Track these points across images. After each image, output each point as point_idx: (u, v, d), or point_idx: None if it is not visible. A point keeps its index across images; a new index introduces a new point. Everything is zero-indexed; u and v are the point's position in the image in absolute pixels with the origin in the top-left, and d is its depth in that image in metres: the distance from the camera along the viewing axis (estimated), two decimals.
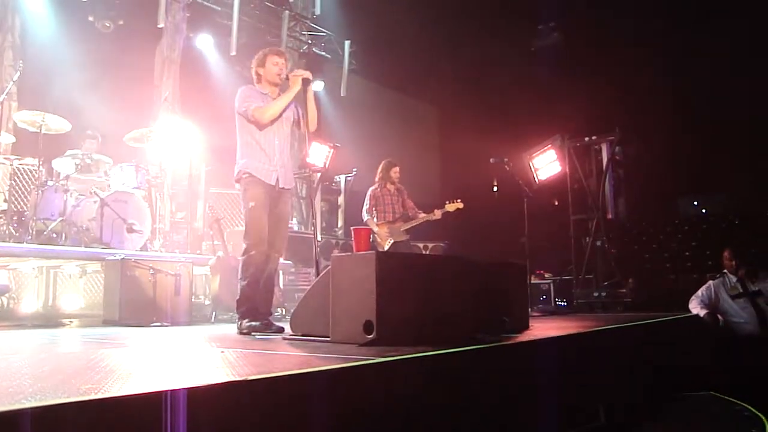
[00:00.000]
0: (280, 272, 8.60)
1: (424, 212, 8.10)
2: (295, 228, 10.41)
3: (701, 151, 12.73)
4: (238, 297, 4.87)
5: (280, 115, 4.96)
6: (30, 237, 6.79)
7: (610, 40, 12.83)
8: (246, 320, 4.73)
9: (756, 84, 11.63)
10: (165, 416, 1.69)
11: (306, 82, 4.95)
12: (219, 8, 11.24)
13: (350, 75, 12.94)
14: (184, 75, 10.76)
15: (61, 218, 7.06)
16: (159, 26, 10.16)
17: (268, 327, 4.66)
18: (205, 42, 11.44)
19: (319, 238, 10.17)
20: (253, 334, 4.58)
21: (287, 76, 5.00)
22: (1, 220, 7.00)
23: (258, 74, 5.11)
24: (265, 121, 4.89)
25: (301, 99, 5.06)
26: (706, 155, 12.82)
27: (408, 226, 8.08)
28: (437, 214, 8.05)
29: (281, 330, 4.55)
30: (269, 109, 4.89)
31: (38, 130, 7.20)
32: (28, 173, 8.16)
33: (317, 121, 5.12)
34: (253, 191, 4.85)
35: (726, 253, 7.25)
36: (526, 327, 4.71)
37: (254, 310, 4.81)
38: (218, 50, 11.47)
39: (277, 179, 4.93)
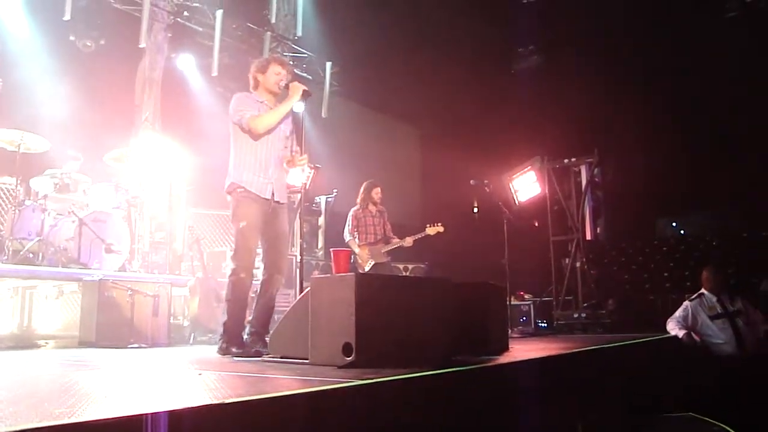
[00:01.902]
0: None
1: (398, 237, 8.14)
2: None
3: (679, 173, 12.87)
4: (225, 319, 4.69)
5: (277, 125, 4.79)
6: (6, 257, 6.70)
7: (588, 63, 12.99)
8: (228, 344, 4.62)
9: (734, 106, 11.82)
10: None
11: (306, 95, 4.78)
12: (201, 29, 11.26)
13: (331, 96, 12.99)
14: (165, 95, 10.74)
15: (38, 238, 6.98)
16: (140, 46, 10.14)
17: (253, 351, 4.52)
18: (186, 62, 11.44)
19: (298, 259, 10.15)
20: (233, 357, 4.51)
21: (287, 85, 4.83)
22: None
23: (256, 80, 4.92)
24: (261, 131, 4.69)
25: (297, 115, 4.97)
26: (684, 176, 12.97)
27: (389, 248, 8.10)
28: (408, 241, 8.10)
29: (260, 354, 4.47)
30: (265, 119, 4.70)
31: (16, 149, 7.14)
32: (6, 192, 8.09)
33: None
34: (245, 209, 4.67)
35: (706, 272, 7.29)
36: (506, 348, 4.71)
37: (239, 333, 4.70)
38: (200, 70, 11.47)
39: (273, 193, 4.77)
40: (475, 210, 9.63)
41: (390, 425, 2.51)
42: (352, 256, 7.93)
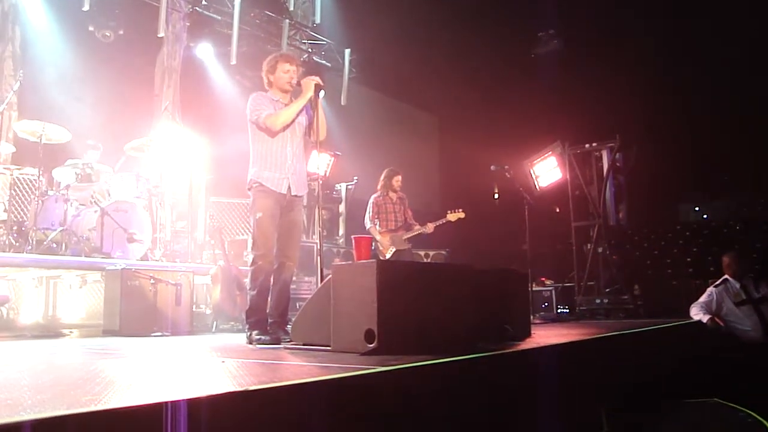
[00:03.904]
0: None
1: (419, 224, 8.13)
2: None
3: (702, 157, 12.74)
4: (247, 307, 4.85)
5: (293, 121, 4.89)
6: (30, 247, 6.77)
7: (609, 47, 12.85)
8: (255, 331, 4.69)
9: (757, 90, 11.65)
10: (165, 427, 1.68)
11: (318, 88, 4.87)
12: (219, 17, 11.26)
13: (350, 83, 12.95)
14: (184, 84, 10.77)
15: (61, 228, 7.05)
16: (159, 36, 10.17)
17: (278, 338, 4.60)
18: (205, 51, 11.46)
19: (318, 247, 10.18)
20: (262, 344, 4.55)
21: (299, 81, 4.93)
22: (1, 230, 6.99)
23: (268, 80, 5.03)
24: (277, 129, 4.82)
25: (311, 105, 5.02)
26: (707, 161, 12.84)
27: (410, 234, 8.09)
28: (429, 227, 8.09)
29: (282, 341, 4.52)
30: (280, 117, 4.82)
31: (38, 140, 7.18)
32: (29, 183, 8.15)
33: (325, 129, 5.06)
34: (261, 202, 4.80)
35: (729, 258, 7.20)
36: (528, 334, 4.69)
37: (263, 320, 4.79)
38: (218, 59, 11.49)
39: (289, 187, 4.87)
40: (496, 196, 9.57)
41: (413, 411, 2.51)
42: (373, 243, 7.93)
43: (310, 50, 12.72)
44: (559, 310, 10.23)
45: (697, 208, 14.67)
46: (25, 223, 7.23)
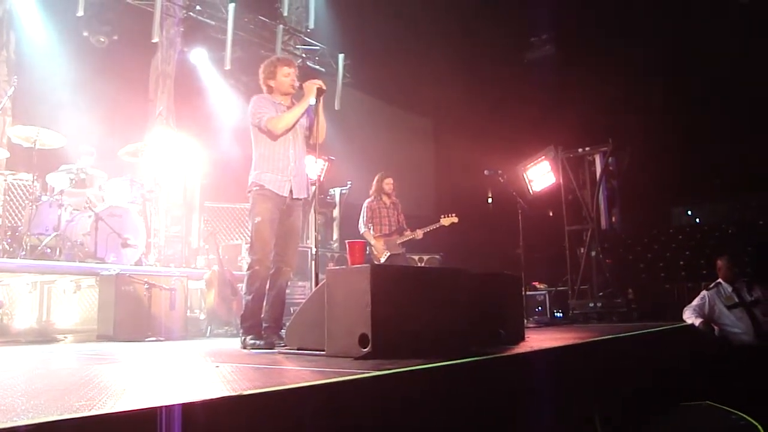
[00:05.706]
0: None
1: (410, 230, 8.15)
2: None
3: (694, 161, 12.78)
4: (242, 312, 4.83)
5: (294, 124, 4.90)
6: (24, 252, 6.76)
7: (602, 51, 12.90)
8: (250, 336, 4.68)
9: (749, 95, 11.70)
10: None
11: (320, 92, 4.88)
12: (213, 23, 11.28)
13: (344, 88, 12.97)
14: (178, 89, 10.77)
15: (55, 233, 7.03)
16: (153, 41, 10.17)
17: (272, 343, 4.59)
18: (199, 56, 11.46)
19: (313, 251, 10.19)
20: (256, 349, 4.55)
21: (301, 84, 4.93)
22: None
23: (268, 86, 5.02)
24: (279, 132, 4.81)
25: (312, 107, 5.01)
26: (699, 165, 12.88)
27: (403, 239, 8.10)
28: (418, 234, 8.11)
29: (276, 346, 4.52)
30: (282, 120, 4.82)
31: (32, 146, 7.18)
32: (22, 188, 8.14)
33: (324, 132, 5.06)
34: (260, 206, 4.78)
35: (721, 262, 7.23)
36: (522, 338, 4.70)
37: (258, 325, 4.77)
38: (213, 64, 11.49)
39: (291, 190, 4.87)
40: (490, 200, 9.60)
41: (407, 416, 2.52)
42: (368, 248, 7.94)
43: (304, 55, 12.74)
44: (552, 314, 10.25)
45: (689, 212, 14.72)
46: (19, 228, 7.22)
